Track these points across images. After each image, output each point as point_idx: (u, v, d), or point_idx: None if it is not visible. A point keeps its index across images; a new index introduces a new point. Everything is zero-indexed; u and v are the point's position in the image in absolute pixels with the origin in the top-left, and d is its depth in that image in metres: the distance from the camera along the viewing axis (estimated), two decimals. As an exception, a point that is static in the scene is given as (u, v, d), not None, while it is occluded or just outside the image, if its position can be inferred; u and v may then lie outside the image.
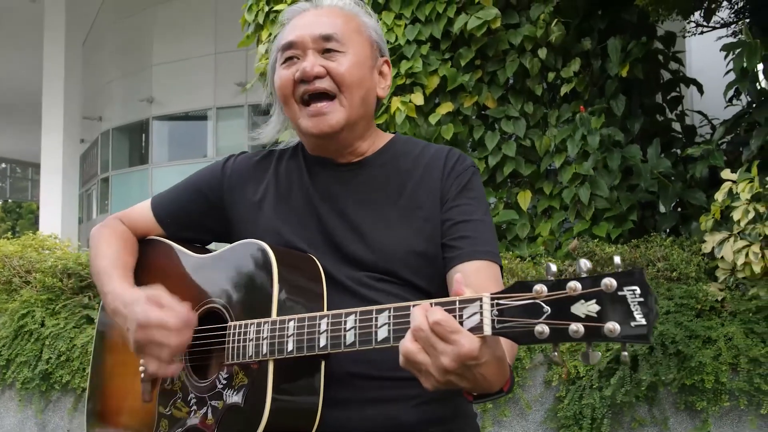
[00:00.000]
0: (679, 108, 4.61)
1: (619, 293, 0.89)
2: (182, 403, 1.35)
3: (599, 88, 4.28)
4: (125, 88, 14.35)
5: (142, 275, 1.51)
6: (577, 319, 0.91)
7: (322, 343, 1.15)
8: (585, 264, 0.93)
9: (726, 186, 3.30)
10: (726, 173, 3.35)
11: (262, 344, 1.21)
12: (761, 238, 3.10)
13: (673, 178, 3.85)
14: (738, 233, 3.21)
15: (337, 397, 1.27)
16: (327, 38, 1.37)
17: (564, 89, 4.22)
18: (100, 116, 15.25)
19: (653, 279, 3.46)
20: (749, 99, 3.89)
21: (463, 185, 1.40)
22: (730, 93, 3.77)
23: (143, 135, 14.16)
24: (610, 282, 0.89)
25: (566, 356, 3.23)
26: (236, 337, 1.25)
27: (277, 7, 4.60)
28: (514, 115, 4.29)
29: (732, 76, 3.73)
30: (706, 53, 5.56)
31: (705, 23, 4.61)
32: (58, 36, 13.69)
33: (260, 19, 4.65)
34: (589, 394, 3.18)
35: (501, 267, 1.37)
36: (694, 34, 4.69)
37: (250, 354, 1.23)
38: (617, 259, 0.91)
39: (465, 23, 4.21)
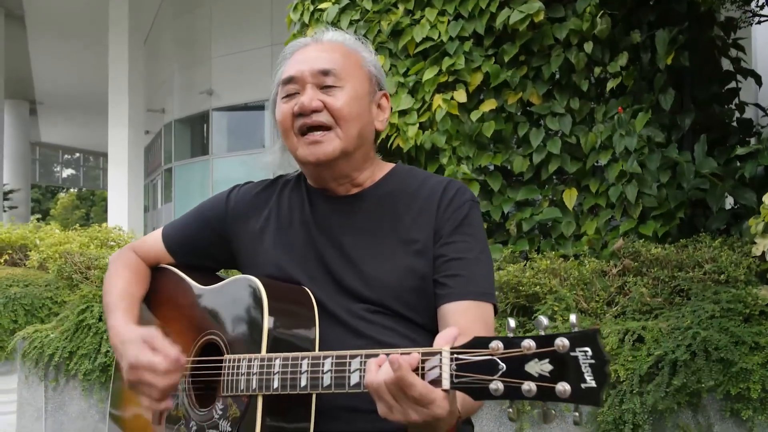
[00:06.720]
0: (735, 101, 4.41)
1: (572, 354, 0.89)
2: (185, 429, 1.40)
3: (648, 82, 4.14)
4: (186, 80, 14.72)
5: (153, 304, 1.58)
6: (530, 377, 0.91)
7: (303, 383, 1.17)
8: (542, 321, 0.93)
9: (776, 189, 3.17)
10: None
11: (252, 379, 1.23)
12: (814, 241, 2.98)
13: (723, 175, 3.70)
14: (790, 236, 3.09)
15: (329, 431, 1.29)
16: (325, 73, 1.40)
17: (611, 84, 4.10)
18: (163, 108, 15.70)
19: (700, 281, 3.36)
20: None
21: (460, 221, 1.39)
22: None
23: (204, 126, 14.50)
24: (562, 342, 0.89)
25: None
26: (231, 371, 1.29)
27: (321, 6, 4.64)
28: (559, 112, 4.21)
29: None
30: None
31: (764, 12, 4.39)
32: (122, 33, 14.17)
33: (306, 18, 4.68)
34: (630, 399, 3.12)
35: (495, 306, 1.36)
36: (758, 22, 4.43)
37: (242, 388, 1.25)
38: (573, 318, 0.91)
39: (507, 17, 4.14)
